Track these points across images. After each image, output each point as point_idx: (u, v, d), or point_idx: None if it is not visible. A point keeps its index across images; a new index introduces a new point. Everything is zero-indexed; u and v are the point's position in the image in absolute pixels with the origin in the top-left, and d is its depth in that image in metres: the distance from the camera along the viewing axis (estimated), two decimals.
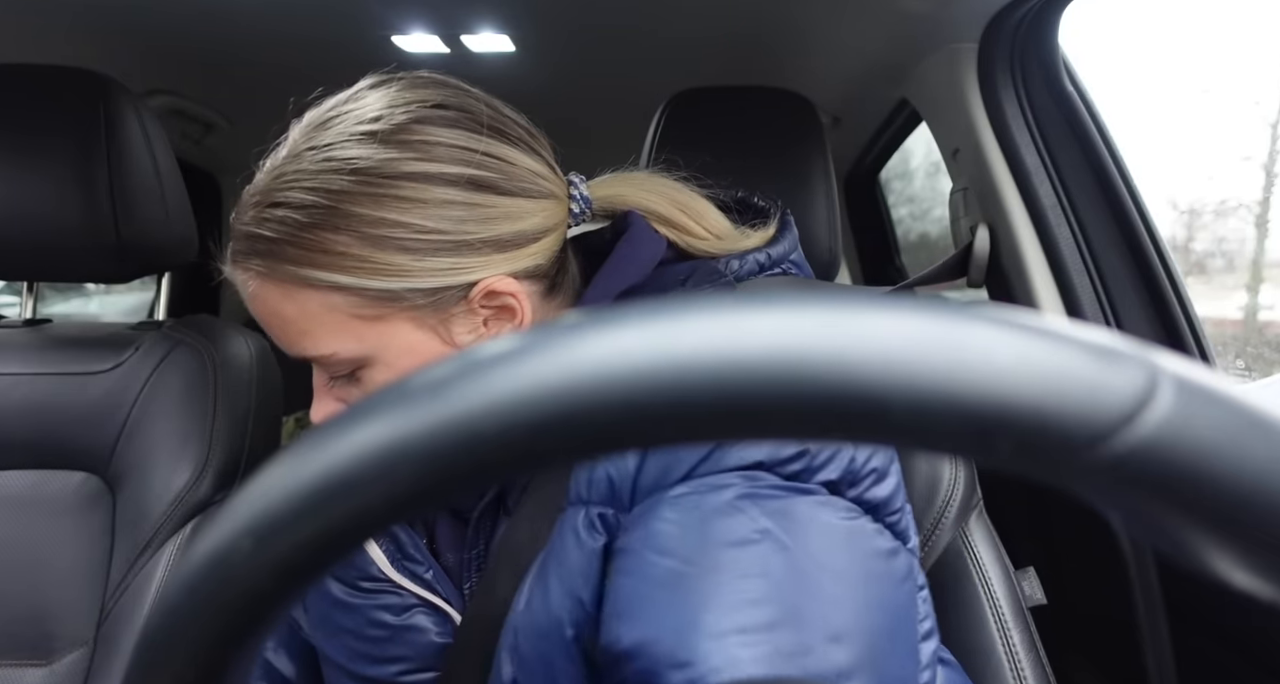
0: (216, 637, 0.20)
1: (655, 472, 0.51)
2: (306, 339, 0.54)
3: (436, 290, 0.54)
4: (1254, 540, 0.16)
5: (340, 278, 0.52)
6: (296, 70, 1.57)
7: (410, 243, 0.52)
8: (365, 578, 0.61)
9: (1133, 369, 0.16)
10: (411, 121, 0.54)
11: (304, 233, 0.52)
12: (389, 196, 0.52)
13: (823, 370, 0.16)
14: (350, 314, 0.53)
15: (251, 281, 0.55)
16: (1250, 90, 1.66)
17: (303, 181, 0.53)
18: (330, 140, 0.54)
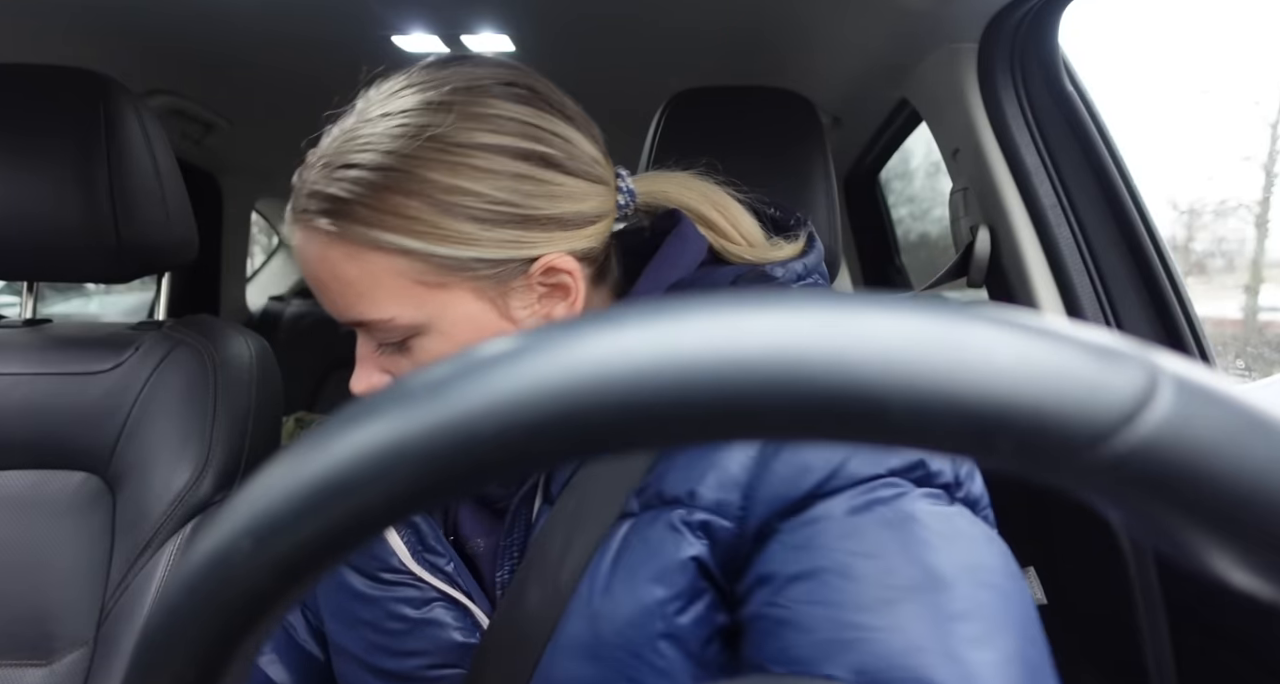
0: (216, 637, 0.20)
1: (776, 485, 0.51)
2: (365, 302, 0.54)
3: (500, 262, 0.54)
4: (1254, 540, 0.16)
5: (410, 242, 0.52)
6: (296, 70, 1.57)
7: (480, 212, 0.53)
8: (386, 569, 0.60)
9: (1133, 369, 0.16)
10: (484, 95, 0.55)
11: (377, 194, 0.52)
12: (463, 165, 0.53)
13: (822, 370, 0.16)
14: (414, 280, 0.53)
15: (315, 241, 0.54)
16: (1250, 90, 1.66)
17: (377, 144, 0.53)
18: (405, 107, 0.54)
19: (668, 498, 0.54)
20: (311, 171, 0.55)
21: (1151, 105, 1.64)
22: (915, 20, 1.21)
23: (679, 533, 0.52)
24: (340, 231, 0.53)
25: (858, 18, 1.30)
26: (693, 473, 0.54)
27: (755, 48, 1.48)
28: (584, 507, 0.56)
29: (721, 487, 0.53)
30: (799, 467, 0.51)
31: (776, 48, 1.48)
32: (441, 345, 0.55)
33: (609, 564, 0.53)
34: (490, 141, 0.54)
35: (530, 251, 0.55)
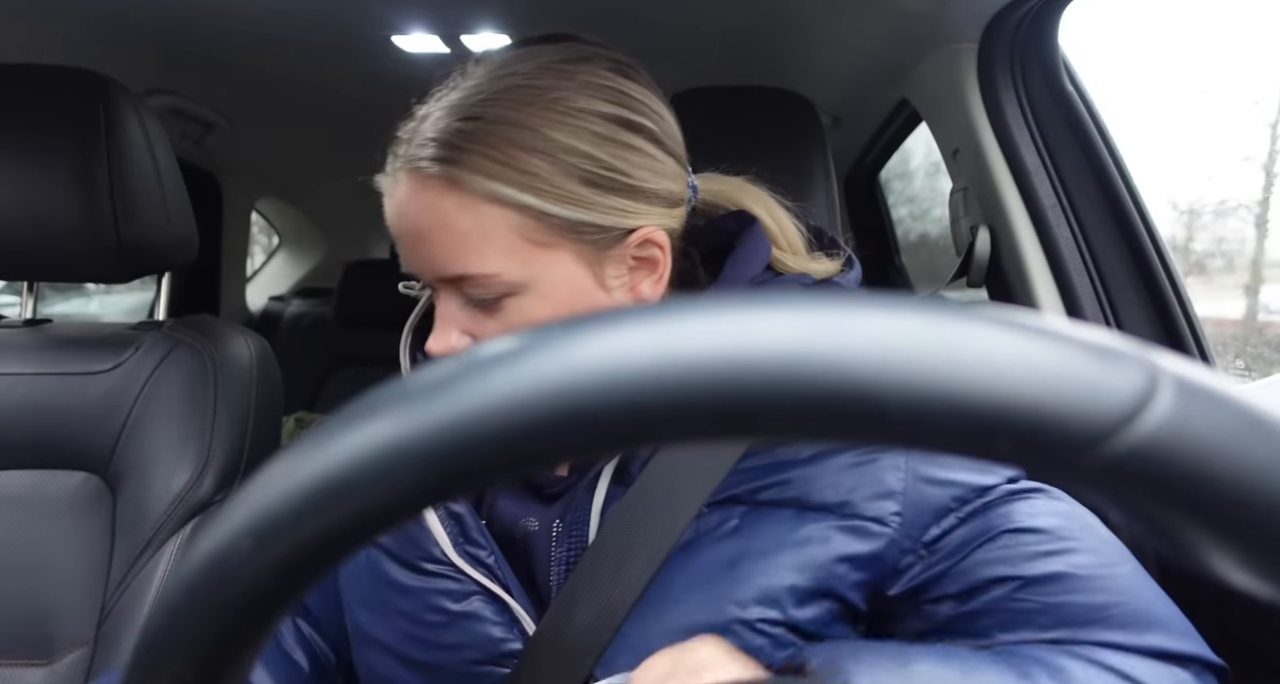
0: (216, 637, 0.20)
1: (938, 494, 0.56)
2: (472, 255, 0.54)
3: (605, 228, 0.56)
4: (1254, 540, 0.16)
5: (527, 198, 0.53)
6: (296, 70, 1.57)
7: (594, 176, 0.55)
8: (428, 559, 0.60)
9: (1133, 369, 0.16)
10: (600, 67, 0.57)
11: (501, 148, 0.53)
12: (583, 129, 0.54)
13: (822, 370, 0.16)
14: (524, 237, 0.54)
15: (427, 190, 0.54)
16: (1250, 90, 1.66)
17: (504, 100, 0.54)
18: (528, 71, 0.56)
19: (814, 502, 0.57)
20: (426, 122, 0.55)
21: (1151, 105, 1.64)
22: (915, 20, 1.20)
23: (828, 536, 0.56)
24: (457, 181, 0.53)
25: (858, 18, 1.30)
26: (842, 483, 0.57)
27: (755, 48, 1.48)
28: (663, 496, 0.57)
29: (879, 497, 0.56)
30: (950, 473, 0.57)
31: (776, 48, 1.48)
32: (537, 307, 0.55)
33: (731, 549, 0.56)
34: (606, 110, 0.56)
35: (632, 222, 0.57)
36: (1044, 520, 0.54)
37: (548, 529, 0.60)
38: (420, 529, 0.60)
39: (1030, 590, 0.53)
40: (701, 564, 0.56)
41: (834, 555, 0.55)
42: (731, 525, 0.57)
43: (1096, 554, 0.54)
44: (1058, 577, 0.52)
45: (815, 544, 0.56)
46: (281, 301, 2.85)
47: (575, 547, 0.58)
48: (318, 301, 2.79)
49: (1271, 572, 0.17)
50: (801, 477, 0.58)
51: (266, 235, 3.12)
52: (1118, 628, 0.51)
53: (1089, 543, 0.54)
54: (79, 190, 0.95)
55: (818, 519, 0.56)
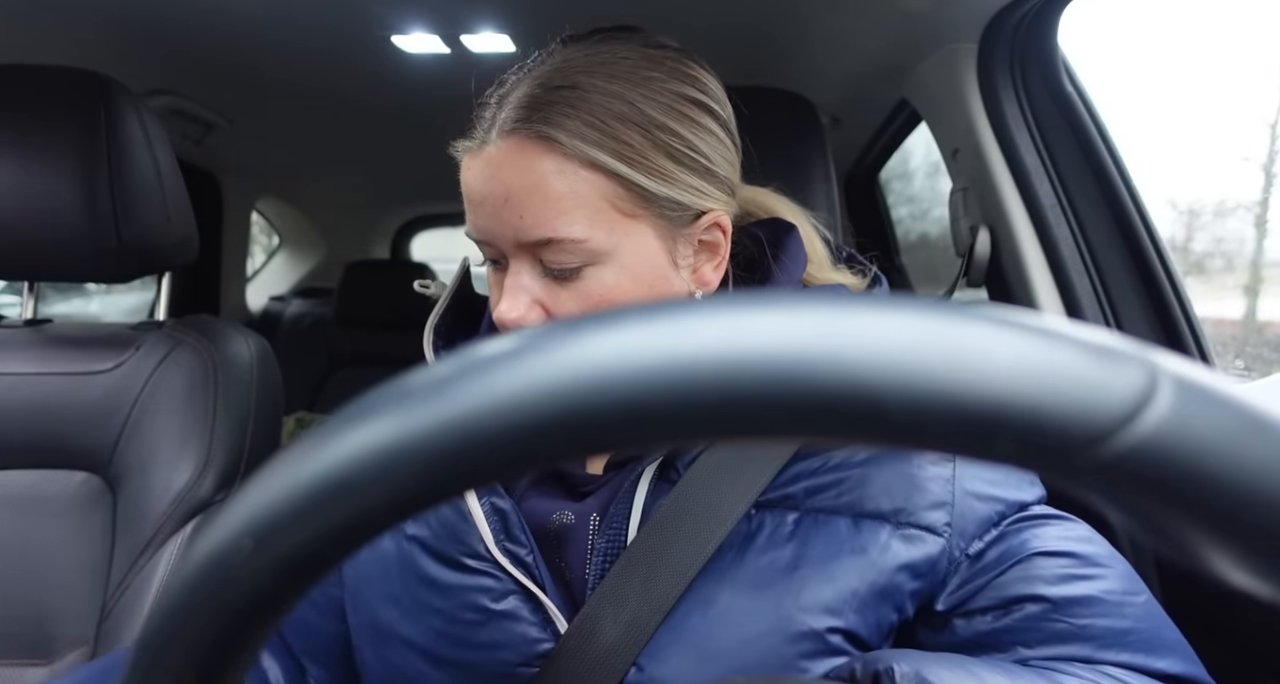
0: (217, 637, 0.20)
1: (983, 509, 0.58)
2: (562, 219, 0.55)
3: (684, 206, 0.58)
4: (1253, 540, 0.16)
5: (620, 166, 0.55)
6: (296, 70, 1.57)
7: (681, 155, 0.57)
8: (471, 555, 0.59)
9: (1133, 369, 0.16)
10: (686, 57, 0.61)
11: (600, 116, 0.55)
12: (674, 109, 0.57)
13: (821, 371, 0.16)
14: (612, 205, 0.55)
15: (524, 151, 0.55)
16: (1250, 90, 1.66)
17: (600, 72, 0.56)
18: (623, 53, 0.58)
19: (869, 510, 0.57)
20: (522, 87, 0.57)
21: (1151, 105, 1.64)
22: (915, 21, 1.20)
23: (884, 543, 0.56)
24: (557, 142, 0.54)
25: (858, 18, 1.29)
26: (895, 489, 0.58)
27: (755, 48, 1.48)
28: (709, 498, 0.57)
29: (929, 506, 0.57)
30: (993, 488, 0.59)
31: (776, 48, 1.48)
32: (617, 277, 0.57)
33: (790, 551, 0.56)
34: (691, 94, 0.58)
35: (707, 203, 0.59)
36: (1075, 546, 0.57)
37: (585, 522, 0.59)
38: (463, 522, 0.59)
39: (1062, 611, 0.55)
40: (757, 568, 0.56)
41: (894, 563, 0.56)
42: (787, 530, 0.57)
43: (1122, 582, 0.56)
44: (1087, 600, 0.55)
45: (874, 551, 0.56)
46: (281, 301, 2.85)
47: (614, 542, 0.58)
48: (318, 301, 2.79)
49: (1271, 572, 0.17)
50: (854, 482, 0.58)
51: (266, 235, 3.12)
52: (1135, 651, 0.54)
53: (1116, 570, 0.57)
54: (80, 190, 0.95)
55: (874, 526, 0.57)
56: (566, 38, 0.61)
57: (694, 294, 0.62)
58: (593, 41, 0.60)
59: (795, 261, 0.63)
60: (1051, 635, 0.54)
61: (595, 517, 0.59)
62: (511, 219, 0.56)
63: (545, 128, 0.54)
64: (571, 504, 0.61)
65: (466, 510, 0.59)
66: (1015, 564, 0.56)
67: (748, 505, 0.57)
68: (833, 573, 0.55)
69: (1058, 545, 0.57)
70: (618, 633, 0.55)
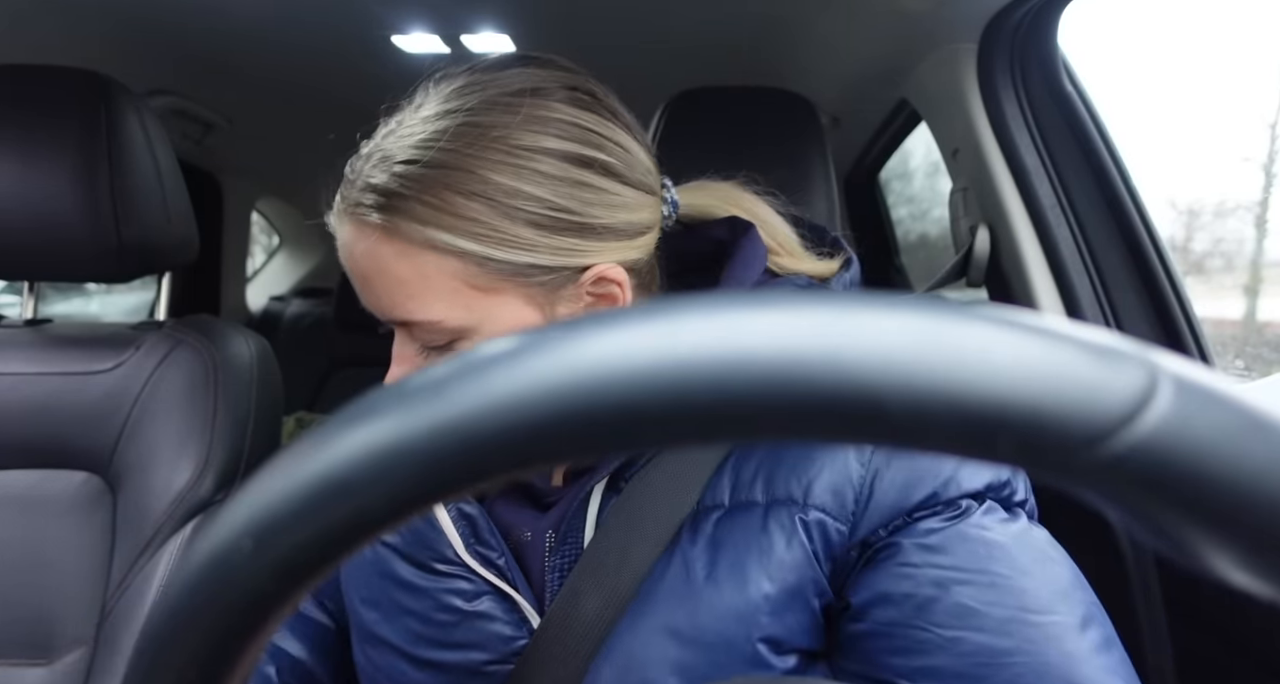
0: (217, 637, 0.20)
1: (891, 492, 0.53)
2: (414, 302, 0.53)
3: (554, 269, 0.54)
4: (1254, 540, 0.16)
5: (467, 245, 0.51)
6: (296, 70, 1.57)
7: (540, 218, 0.52)
8: (440, 559, 0.60)
9: (1133, 369, 0.16)
10: (549, 99, 0.54)
11: (437, 193, 0.51)
12: (527, 168, 0.52)
13: (820, 370, 0.16)
14: (466, 283, 0.52)
15: (366, 236, 0.53)
16: (1250, 90, 1.66)
17: (439, 142, 0.52)
18: (470, 105, 0.53)
19: (779, 496, 0.55)
20: (366, 164, 0.54)
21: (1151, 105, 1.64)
22: (915, 21, 1.21)
23: (791, 530, 0.54)
24: (394, 228, 0.52)
25: (857, 18, 1.30)
26: (804, 472, 0.55)
27: (755, 48, 1.48)
28: (655, 499, 0.56)
29: (836, 488, 0.54)
30: (911, 475, 0.53)
31: (776, 48, 1.48)
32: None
33: (705, 554, 0.54)
34: (555, 146, 0.53)
35: (584, 260, 0.54)
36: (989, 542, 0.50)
37: (541, 540, 0.60)
38: (432, 529, 0.60)
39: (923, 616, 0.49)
40: (677, 575, 0.55)
41: (801, 554, 0.53)
42: (708, 532, 0.55)
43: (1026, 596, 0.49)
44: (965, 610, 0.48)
45: (781, 544, 0.53)
46: (281, 301, 2.86)
47: (570, 555, 0.58)
48: (318, 301, 2.79)
49: (1271, 572, 0.17)
50: (769, 469, 0.56)
51: (266, 235, 3.12)
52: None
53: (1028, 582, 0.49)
54: (80, 190, 0.95)
55: (782, 513, 0.54)
56: (438, 77, 0.57)
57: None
58: (451, 94, 0.55)
59: (751, 258, 0.61)
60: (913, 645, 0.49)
61: (550, 534, 0.60)
62: (372, 299, 0.55)
63: (382, 214, 0.52)
64: (531, 517, 0.61)
65: (434, 518, 0.60)
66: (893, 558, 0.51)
67: (688, 509, 0.55)
68: (744, 578, 0.53)
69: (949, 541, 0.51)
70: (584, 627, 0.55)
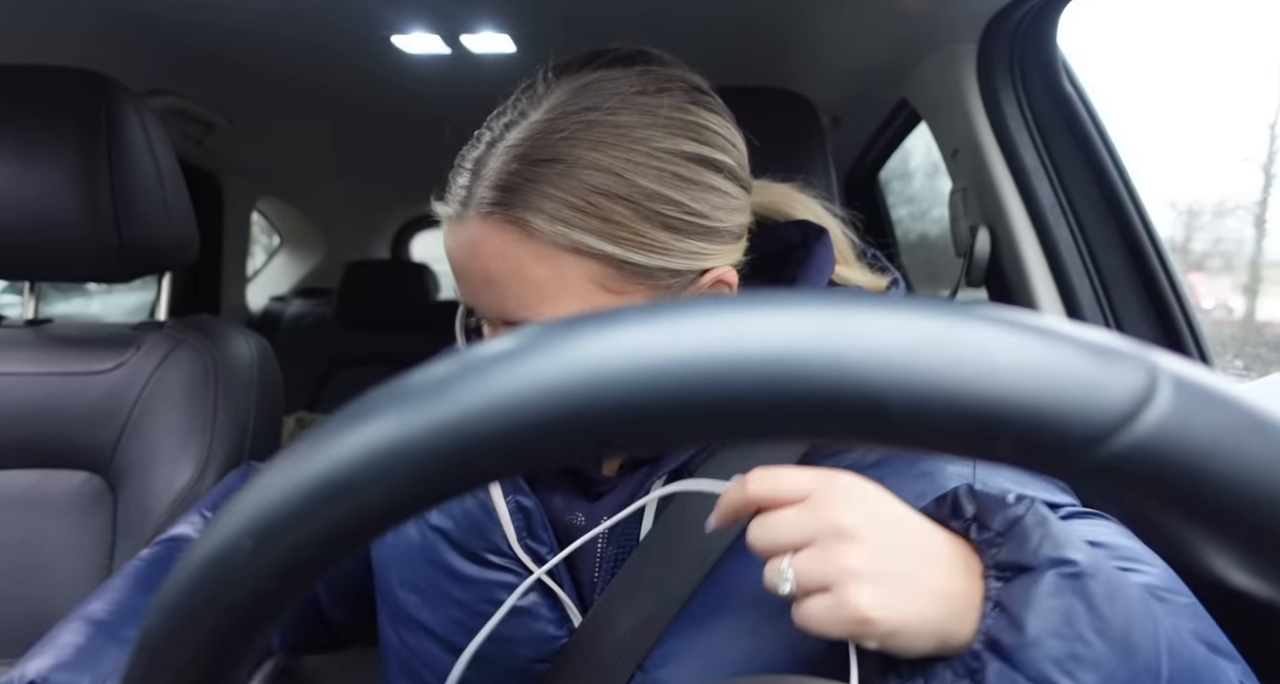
0: (217, 637, 0.20)
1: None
2: (545, 305, 0.51)
3: (681, 273, 0.53)
4: (1253, 540, 0.17)
5: (609, 247, 0.50)
6: (297, 70, 1.57)
7: (676, 222, 0.52)
8: (493, 550, 0.59)
9: (1133, 369, 0.16)
10: (686, 102, 0.54)
11: (584, 195, 0.50)
12: (667, 173, 0.51)
13: (820, 370, 0.16)
14: (601, 285, 0.51)
15: (499, 236, 0.51)
16: (1250, 90, 1.66)
17: (585, 140, 0.50)
18: (610, 105, 0.52)
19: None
20: (497, 157, 0.52)
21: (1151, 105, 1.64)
22: (915, 21, 1.21)
23: None
24: (538, 229, 0.50)
25: (858, 18, 1.30)
26: (909, 484, 0.53)
27: (755, 48, 1.48)
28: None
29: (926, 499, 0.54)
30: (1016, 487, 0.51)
31: (776, 48, 1.48)
32: None
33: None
34: (690, 150, 0.52)
35: (708, 262, 0.54)
36: (1110, 538, 0.50)
37: (596, 523, 0.59)
38: (488, 518, 0.59)
39: None
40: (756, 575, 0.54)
41: None
42: None
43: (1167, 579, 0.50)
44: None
45: None
46: (282, 301, 2.86)
47: (625, 545, 0.58)
48: (318, 301, 2.79)
49: (1271, 572, 0.17)
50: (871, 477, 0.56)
51: (267, 235, 3.12)
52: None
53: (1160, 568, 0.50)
54: (80, 190, 0.95)
55: None
56: (555, 69, 0.55)
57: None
58: (578, 86, 0.53)
59: (821, 269, 0.60)
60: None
61: (605, 518, 0.59)
62: (492, 301, 0.53)
63: (522, 213, 0.50)
64: (584, 504, 0.61)
65: (491, 506, 0.59)
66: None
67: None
68: None
69: (1091, 536, 0.50)
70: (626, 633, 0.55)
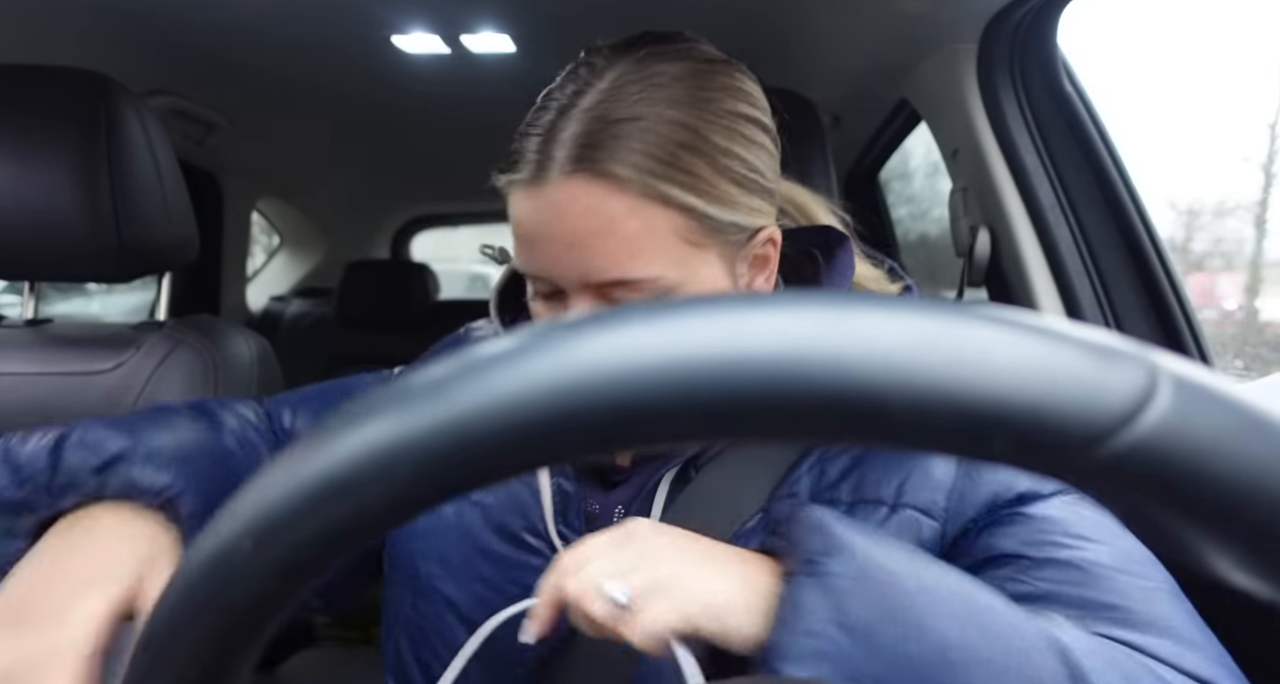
0: (218, 637, 0.20)
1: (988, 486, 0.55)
2: (637, 260, 0.53)
3: (745, 228, 0.56)
4: (1253, 540, 0.17)
5: (692, 199, 0.53)
6: (297, 70, 1.57)
7: (741, 178, 0.55)
8: (531, 531, 0.59)
9: (1133, 369, 0.16)
10: (733, 69, 0.59)
11: (668, 150, 0.52)
12: (734, 131, 0.55)
13: (820, 370, 0.16)
14: (684, 238, 0.54)
15: (591, 192, 0.52)
16: (1250, 90, 1.66)
17: (661, 100, 0.53)
18: (674, 70, 0.55)
19: (868, 497, 0.57)
20: (575, 121, 0.53)
21: (1151, 105, 1.64)
22: (915, 21, 1.20)
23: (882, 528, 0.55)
24: (628, 183, 0.52)
25: (858, 18, 1.29)
26: (894, 474, 0.57)
27: (755, 47, 1.48)
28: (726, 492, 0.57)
29: (928, 489, 0.56)
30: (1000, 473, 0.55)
31: (776, 47, 1.48)
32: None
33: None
34: (746, 112, 0.56)
35: (764, 220, 0.58)
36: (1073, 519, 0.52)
37: (609, 513, 0.60)
38: (531, 496, 0.60)
39: (1028, 573, 0.50)
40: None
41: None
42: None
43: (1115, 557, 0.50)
44: (1061, 564, 0.50)
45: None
46: (282, 301, 2.85)
47: None
48: (318, 301, 2.79)
49: (1271, 572, 0.17)
50: (859, 468, 0.58)
51: (267, 235, 3.11)
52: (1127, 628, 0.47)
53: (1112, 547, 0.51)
54: (80, 190, 0.95)
55: (869, 511, 0.56)
56: (607, 50, 0.57)
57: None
58: (638, 57, 0.56)
59: (844, 274, 0.62)
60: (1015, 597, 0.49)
61: (619, 509, 0.60)
62: (578, 262, 0.53)
63: (612, 166, 0.51)
64: (598, 493, 0.62)
65: (536, 486, 0.60)
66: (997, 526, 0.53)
67: (761, 500, 0.57)
68: None
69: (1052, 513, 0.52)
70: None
